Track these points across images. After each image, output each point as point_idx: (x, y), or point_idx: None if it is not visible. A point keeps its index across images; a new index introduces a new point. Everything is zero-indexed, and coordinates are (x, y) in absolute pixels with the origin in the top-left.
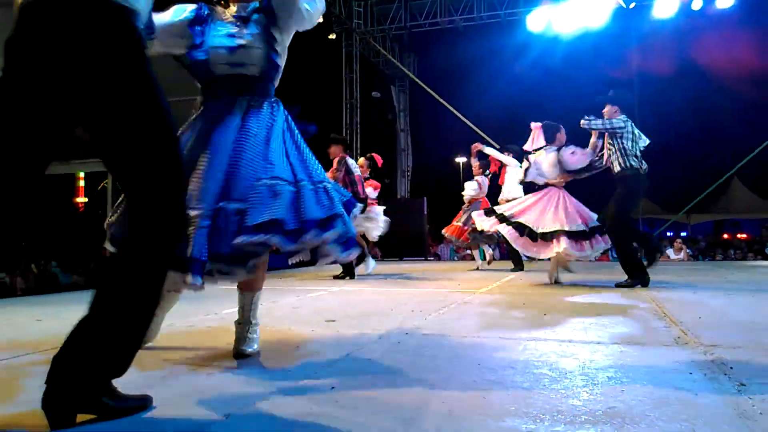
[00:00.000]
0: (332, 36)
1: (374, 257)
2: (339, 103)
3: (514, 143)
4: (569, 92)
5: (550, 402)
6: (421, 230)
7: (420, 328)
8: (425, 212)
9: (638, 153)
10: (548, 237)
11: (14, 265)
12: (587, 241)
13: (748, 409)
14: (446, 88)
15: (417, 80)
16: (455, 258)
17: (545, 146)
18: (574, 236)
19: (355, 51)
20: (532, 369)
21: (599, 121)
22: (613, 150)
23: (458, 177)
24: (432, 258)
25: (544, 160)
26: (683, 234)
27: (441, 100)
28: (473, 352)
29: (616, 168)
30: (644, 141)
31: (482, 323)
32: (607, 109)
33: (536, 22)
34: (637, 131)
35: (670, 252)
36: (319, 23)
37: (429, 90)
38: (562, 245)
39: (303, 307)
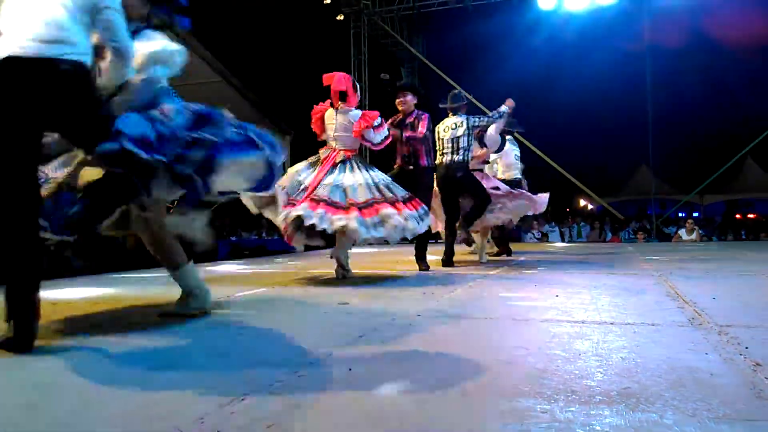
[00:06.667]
0: (340, 17)
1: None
2: None
3: (524, 123)
4: (581, 70)
5: (564, 382)
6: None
7: (431, 310)
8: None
9: None
10: None
11: None
12: None
13: (764, 389)
14: (456, 69)
15: (426, 61)
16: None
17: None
18: None
19: (363, 32)
20: (545, 350)
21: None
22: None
23: None
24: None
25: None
26: (695, 215)
27: (451, 81)
28: (485, 334)
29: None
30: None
31: (493, 305)
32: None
33: None
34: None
35: (682, 233)
36: (327, 4)
37: (438, 71)
38: None
39: (313, 289)
